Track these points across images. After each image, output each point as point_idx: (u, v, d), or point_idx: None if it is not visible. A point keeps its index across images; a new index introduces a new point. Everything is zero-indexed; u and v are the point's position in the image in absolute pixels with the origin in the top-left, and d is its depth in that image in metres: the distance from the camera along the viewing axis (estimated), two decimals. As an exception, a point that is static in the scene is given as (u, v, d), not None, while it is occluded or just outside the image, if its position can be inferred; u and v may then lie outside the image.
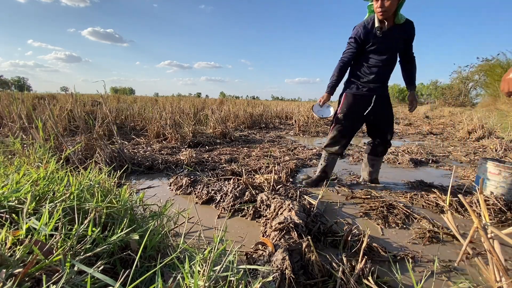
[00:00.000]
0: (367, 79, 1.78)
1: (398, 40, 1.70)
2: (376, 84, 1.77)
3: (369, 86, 1.79)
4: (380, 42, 1.69)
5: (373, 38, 1.69)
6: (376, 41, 1.69)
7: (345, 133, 1.90)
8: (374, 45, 1.71)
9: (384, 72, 1.76)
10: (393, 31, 1.67)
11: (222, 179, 1.94)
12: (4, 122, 3.10)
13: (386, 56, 1.72)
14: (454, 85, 22.49)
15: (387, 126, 1.88)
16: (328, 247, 1.15)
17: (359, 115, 1.84)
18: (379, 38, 1.68)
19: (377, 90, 1.78)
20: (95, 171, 1.18)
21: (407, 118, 8.89)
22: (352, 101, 1.83)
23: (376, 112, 1.82)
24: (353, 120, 1.86)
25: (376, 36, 1.68)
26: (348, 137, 1.92)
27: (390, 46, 1.70)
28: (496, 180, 1.68)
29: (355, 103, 1.82)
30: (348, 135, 1.91)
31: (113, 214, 0.89)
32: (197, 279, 0.63)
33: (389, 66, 1.77)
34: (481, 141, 4.17)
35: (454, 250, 1.17)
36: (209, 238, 1.19)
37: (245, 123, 5.60)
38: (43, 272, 0.59)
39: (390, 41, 1.69)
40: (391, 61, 1.76)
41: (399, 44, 1.72)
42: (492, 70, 10.88)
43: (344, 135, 1.90)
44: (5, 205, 0.78)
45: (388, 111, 1.86)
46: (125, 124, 4.48)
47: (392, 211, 1.52)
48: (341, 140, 1.91)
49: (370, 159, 2.00)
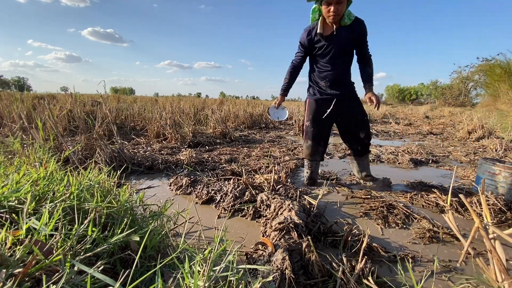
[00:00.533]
0: (322, 83, 1.80)
1: (346, 41, 1.69)
2: (332, 87, 1.78)
3: (326, 90, 1.80)
4: (326, 47, 1.70)
5: (318, 43, 1.71)
6: (322, 46, 1.71)
7: (318, 140, 1.91)
8: (320, 49, 1.73)
9: (337, 75, 1.76)
10: (339, 33, 1.67)
11: (222, 179, 1.94)
12: (4, 122, 3.10)
13: (335, 59, 1.73)
14: (454, 85, 22.50)
15: (358, 126, 1.84)
16: (328, 247, 1.15)
17: (324, 120, 1.83)
18: (325, 43, 1.70)
19: (335, 93, 1.79)
20: (95, 171, 1.18)
21: (407, 118, 8.89)
22: (315, 106, 1.86)
23: (342, 114, 1.83)
24: (320, 125, 1.87)
25: (321, 41, 1.70)
26: (323, 143, 1.93)
27: (338, 48, 1.70)
28: (496, 180, 1.68)
29: (318, 108, 1.84)
30: (322, 141, 1.92)
31: (113, 214, 0.89)
32: (197, 279, 0.63)
33: (342, 68, 1.77)
34: (481, 141, 4.17)
35: (454, 250, 1.17)
36: (209, 238, 1.19)
37: (245, 123, 5.60)
38: (43, 272, 0.59)
39: (336, 44, 1.69)
40: (343, 63, 1.76)
41: (348, 45, 1.71)
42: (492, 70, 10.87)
43: (318, 142, 1.91)
44: (5, 205, 0.78)
45: (355, 111, 1.83)
46: (125, 124, 4.48)
47: (392, 211, 1.51)
48: (317, 147, 1.91)
49: (354, 160, 1.99)
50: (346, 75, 1.82)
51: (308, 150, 1.93)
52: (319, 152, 1.93)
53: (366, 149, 1.92)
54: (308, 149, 1.93)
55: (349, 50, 1.74)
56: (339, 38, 1.68)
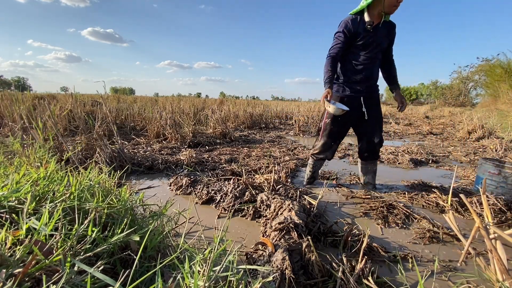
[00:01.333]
0: (354, 79, 1.75)
1: (385, 37, 1.69)
2: (363, 85, 1.74)
3: (356, 87, 1.75)
4: (369, 37, 1.66)
5: (363, 32, 1.65)
6: (366, 35, 1.65)
7: (335, 138, 1.87)
8: (363, 39, 1.66)
9: (371, 71, 1.73)
10: (381, 28, 1.66)
11: (222, 179, 1.94)
12: (4, 122, 3.10)
13: (373, 53, 1.70)
14: (454, 85, 22.50)
15: (374, 128, 1.81)
16: (328, 247, 1.15)
17: (346, 119, 1.77)
18: (369, 33, 1.65)
19: (364, 91, 1.75)
20: (95, 171, 1.18)
21: (407, 118, 8.89)
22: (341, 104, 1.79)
23: (363, 115, 1.77)
24: (341, 124, 1.82)
25: (366, 31, 1.64)
26: (338, 142, 1.90)
27: (378, 42, 1.68)
28: (496, 180, 1.68)
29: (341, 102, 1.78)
30: (338, 140, 1.89)
31: (113, 214, 0.89)
32: (197, 279, 0.62)
33: (376, 64, 1.74)
34: (481, 141, 4.17)
35: (454, 250, 1.17)
36: (209, 238, 1.19)
37: (245, 123, 5.60)
38: (43, 272, 0.59)
39: (378, 38, 1.67)
40: (377, 60, 1.73)
41: (385, 41, 1.71)
42: (492, 70, 10.87)
43: (334, 141, 1.87)
44: (5, 205, 0.78)
45: (376, 113, 1.80)
46: (125, 124, 4.49)
47: (392, 211, 1.51)
48: (332, 146, 1.88)
49: (360, 164, 1.96)
50: (377, 73, 1.79)
51: (323, 147, 1.89)
52: (331, 150, 1.90)
53: (374, 155, 1.87)
54: (323, 146, 1.89)
55: (385, 46, 1.73)
56: (382, 32, 1.67)
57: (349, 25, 1.66)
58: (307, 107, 9.11)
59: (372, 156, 1.88)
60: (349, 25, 1.66)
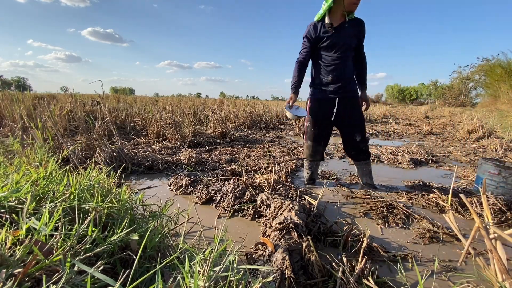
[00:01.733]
0: (326, 80, 1.78)
1: (351, 36, 1.71)
2: (336, 85, 1.76)
3: (329, 88, 1.78)
4: (333, 38, 1.69)
5: (326, 34, 1.70)
6: (330, 36, 1.69)
7: (319, 140, 1.91)
8: (327, 40, 1.70)
9: (342, 70, 1.74)
10: (345, 26, 1.68)
11: (222, 179, 1.94)
12: (4, 122, 3.10)
13: (341, 52, 1.72)
14: (454, 85, 22.51)
15: (354, 128, 1.82)
16: (328, 247, 1.15)
17: (326, 120, 1.83)
18: (333, 34, 1.69)
19: (339, 91, 1.77)
20: (95, 171, 1.18)
21: (407, 118, 8.89)
22: (317, 106, 1.84)
23: (340, 115, 1.80)
24: (322, 126, 1.87)
25: (328, 32, 1.69)
26: (323, 143, 1.93)
27: (344, 42, 1.70)
28: (496, 180, 1.68)
29: (320, 108, 1.83)
30: (323, 141, 1.92)
31: (113, 214, 0.89)
32: (197, 279, 0.62)
33: (347, 63, 1.76)
34: (481, 141, 4.17)
35: (454, 250, 1.17)
36: (209, 238, 1.19)
37: (245, 123, 5.60)
38: (43, 272, 0.59)
39: (342, 37, 1.69)
40: (347, 58, 1.75)
41: (353, 40, 1.72)
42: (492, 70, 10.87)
43: (318, 142, 1.91)
44: (5, 205, 0.78)
45: (353, 112, 1.80)
46: (125, 124, 4.48)
47: (392, 211, 1.51)
48: (318, 148, 1.92)
49: (355, 165, 1.99)
50: (351, 72, 1.80)
51: (309, 150, 1.94)
52: (319, 152, 1.94)
53: (362, 154, 1.87)
54: (308, 150, 1.94)
55: (353, 45, 1.74)
56: (347, 31, 1.69)
57: (311, 31, 1.74)
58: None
59: (359, 156, 1.88)
60: (311, 31, 1.74)
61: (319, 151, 1.93)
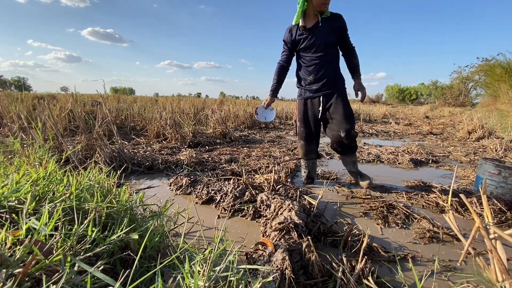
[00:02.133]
0: (309, 80, 1.80)
1: (326, 34, 1.71)
2: (319, 83, 1.78)
3: (312, 87, 1.81)
4: (309, 39, 1.72)
5: (301, 36, 1.74)
6: (306, 38, 1.73)
7: (310, 139, 1.93)
8: (304, 42, 1.75)
9: (324, 68, 1.75)
10: (321, 26, 1.70)
11: (222, 179, 1.94)
12: (4, 122, 3.10)
13: (320, 51, 1.73)
14: (454, 85, 22.52)
15: (339, 122, 1.77)
16: (328, 247, 1.15)
17: (314, 119, 1.86)
18: (308, 35, 1.72)
19: (323, 89, 1.78)
20: (95, 171, 1.18)
21: (407, 118, 8.89)
22: (304, 106, 1.88)
23: (326, 112, 1.83)
24: (310, 125, 1.89)
25: (304, 34, 1.73)
26: (315, 141, 1.96)
27: (322, 41, 1.71)
28: (496, 180, 1.68)
29: (307, 107, 1.87)
30: (314, 140, 1.95)
31: (113, 214, 0.89)
32: (197, 279, 0.62)
33: (328, 60, 1.76)
34: (481, 141, 4.17)
35: (454, 250, 1.17)
36: (209, 238, 1.19)
37: (245, 123, 5.60)
38: (43, 272, 0.59)
39: (320, 35, 1.71)
40: (328, 56, 1.75)
41: (330, 37, 1.72)
42: (492, 70, 10.87)
43: (310, 141, 1.94)
44: (5, 205, 0.78)
45: (339, 107, 1.77)
46: (125, 124, 4.48)
47: (392, 211, 1.51)
48: (310, 146, 1.95)
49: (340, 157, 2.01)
50: (334, 69, 1.80)
51: (302, 149, 1.98)
52: (313, 150, 1.97)
53: (348, 149, 1.85)
54: (302, 149, 1.98)
55: (332, 41, 1.74)
56: (322, 30, 1.71)
57: (287, 35, 1.81)
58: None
59: (344, 150, 1.87)
60: (287, 35, 1.81)
61: (312, 149, 1.97)
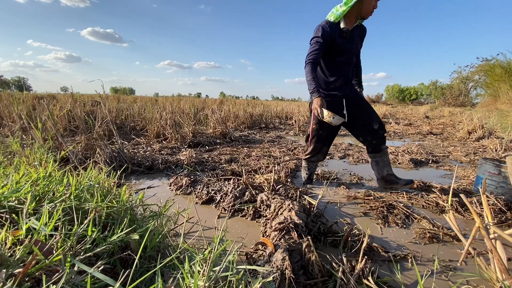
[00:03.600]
0: (333, 83, 1.77)
1: (358, 41, 1.73)
2: (346, 87, 1.78)
3: (337, 91, 1.78)
4: (346, 44, 1.69)
5: (340, 38, 1.67)
6: (343, 41, 1.68)
7: (325, 142, 1.90)
8: (339, 46, 1.68)
9: (347, 73, 1.77)
10: (355, 32, 1.70)
11: (222, 179, 1.94)
12: (4, 122, 3.10)
13: (348, 57, 1.73)
14: (454, 85, 22.52)
15: (369, 118, 1.79)
16: (328, 247, 1.15)
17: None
18: (344, 39, 1.68)
19: (345, 91, 1.78)
20: (95, 171, 1.18)
21: (407, 118, 8.89)
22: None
23: (350, 113, 1.80)
24: (328, 128, 1.83)
25: (342, 37, 1.67)
26: (329, 144, 1.93)
27: (353, 47, 1.72)
28: (496, 180, 1.68)
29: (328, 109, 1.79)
30: (328, 142, 1.92)
31: (113, 214, 0.89)
32: (197, 279, 0.62)
33: (351, 66, 1.78)
34: (481, 141, 4.17)
35: (454, 250, 1.17)
36: (209, 238, 1.19)
37: (245, 123, 5.60)
38: (43, 272, 0.59)
39: (353, 43, 1.71)
40: (352, 62, 1.77)
41: (359, 46, 1.75)
42: (492, 70, 10.87)
43: (324, 144, 1.91)
44: (5, 205, 0.78)
45: (363, 107, 1.80)
46: (125, 124, 4.48)
47: (392, 211, 1.51)
48: (323, 149, 1.92)
49: (372, 158, 1.93)
50: (352, 74, 1.83)
51: (315, 152, 1.92)
52: (325, 153, 1.95)
53: (383, 141, 1.85)
54: (314, 151, 1.92)
55: (359, 50, 1.77)
56: (355, 37, 1.71)
57: (326, 31, 1.64)
58: (307, 107, 9.11)
59: (380, 145, 1.85)
60: (326, 31, 1.64)
61: (325, 152, 1.94)
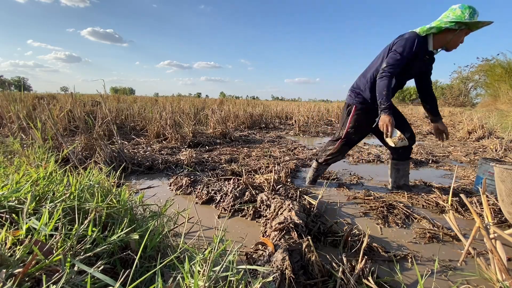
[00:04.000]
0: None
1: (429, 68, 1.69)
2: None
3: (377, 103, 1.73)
4: (422, 66, 1.63)
5: (421, 57, 1.57)
6: (420, 63, 1.61)
7: (352, 145, 1.93)
8: (414, 65, 1.60)
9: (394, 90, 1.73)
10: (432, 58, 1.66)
11: (222, 179, 1.94)
12: (4, 122, 3.10)
13: (408, 79, 1.72)
14: (454, 85, 22.54)
15: (400, 126, 1.75)
16: (328, 247, 1.15)
17: (367, 128, 1.81)
18: (424, 62, 1.61)
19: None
20: (95, 171, 1.18)
21: (407, 118, 8.89)
22: (365, 116, 1.77)
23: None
24: (362, 133, 1.86)
25: (423, 59, 1.58)
26: (352, 147, 1.96)
27: (422, 70, 1.69)
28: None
29: (366, 117, 1.77)
30: (353, 146, 1.95)
31: (113, 214, 0.89)
32: (197, 279, 0.62)
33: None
34: (481, 141, 4.17)
35: (454, 250, 1.17)
36: (209, 238, 1.19)
37: (245, 123, 5.60)
38: (43, 272, 0.59)
39: (427, 66, 1.67)
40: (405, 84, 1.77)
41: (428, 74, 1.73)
42: (492, 70, 10.85)
43: (350, 147, 1.93)
44: (5, 205, 0.78)
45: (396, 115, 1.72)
46: (125, 124, 4.48)
47: (392, 211, 1.51)
48: (346, 150, 1.94)
49: (393, 164, 1.91)
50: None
51: (338, 153, 1.91)
52: (342, 156, 1.97)
53: (410, 152, 1.85)
54: (338, 152, 1.91)
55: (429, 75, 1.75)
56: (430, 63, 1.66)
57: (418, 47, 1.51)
58: (307, 107, 9.11)
59: (407, 153, 1.85)
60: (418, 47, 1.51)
61: (344, 154, 1.96)
